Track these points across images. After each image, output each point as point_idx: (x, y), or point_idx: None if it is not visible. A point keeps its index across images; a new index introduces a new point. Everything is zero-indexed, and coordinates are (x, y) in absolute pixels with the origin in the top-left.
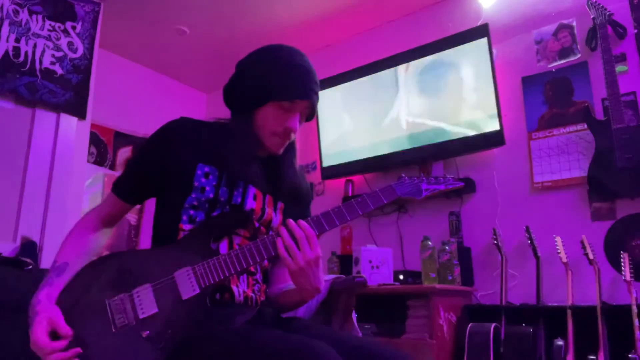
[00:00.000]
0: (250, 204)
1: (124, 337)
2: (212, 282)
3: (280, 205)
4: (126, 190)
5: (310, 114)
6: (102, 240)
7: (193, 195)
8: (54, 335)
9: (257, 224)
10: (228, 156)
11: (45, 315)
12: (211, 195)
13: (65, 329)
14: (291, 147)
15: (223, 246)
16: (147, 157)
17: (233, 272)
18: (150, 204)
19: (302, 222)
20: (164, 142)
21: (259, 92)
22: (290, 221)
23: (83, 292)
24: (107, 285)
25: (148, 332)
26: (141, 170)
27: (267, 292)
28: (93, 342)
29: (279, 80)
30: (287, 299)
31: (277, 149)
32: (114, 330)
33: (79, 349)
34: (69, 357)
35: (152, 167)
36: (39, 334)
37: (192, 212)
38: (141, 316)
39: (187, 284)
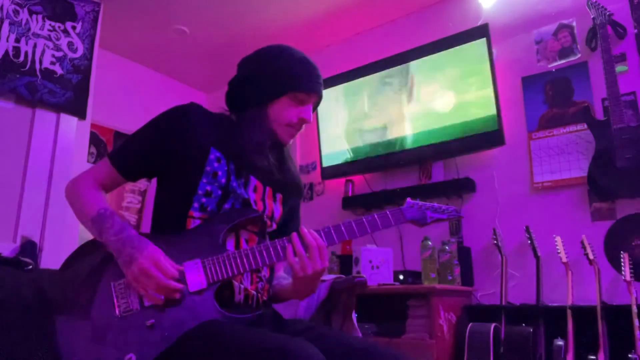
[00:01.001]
0: (252, 195)
1: (127, 323)
2: (220, 278)
3: (279, 196)
4: (129, 166)
5: (314, 109)
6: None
7: (204, 180)
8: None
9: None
10: (243, 147)
11: (155, 247)
12: (223, 181)
13: (177, 266)
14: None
15: (230, 241)
16: (159, 136)
17: (242, 271)
18: (150, 204)
19: (313, 232)
20: (177, 123)
21: (280, 83)
22: (304, 230)
23: (89, 272)
24: (114, 268)
25: (153, 320)
26: (150, 148)
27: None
28: (96, 323)
29: (298, 73)
30: (279, 295)
31: (289, 139)
32: (117, 314)
33: (182, 285)
34: (175, 289)
35: (164, 146)
36: (162, 257)
37: (204, 199)
38: (147, 303)
39: (195, 276)
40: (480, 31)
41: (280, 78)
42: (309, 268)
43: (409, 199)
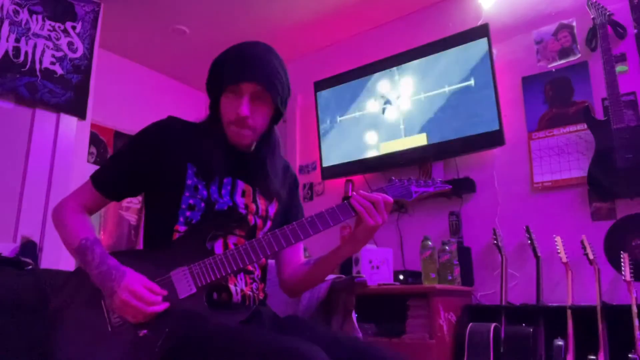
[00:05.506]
0: (239, 201)
1: (120, 337)
2: (208, 281)
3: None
4: (111, 187)
5: (271, 101)
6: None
7: (187, 194)
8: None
9: (252, 221)
10: (202, 153)
11: (135, 275)
12: (205, 193)
13: (159, 287)
14: (267, 144)
15: (218, 246)
16: (136, 156)
17: (229, 272)
18: None
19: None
20: (154, 141)
21: (215, 83)
22: (362, 192)
23: (78, 291)
24: None
25: (145, 331)
26: (129, 168)
27: (293, 270)
28: (88, 342)
29: (226, 67)
30: (325, 262)
31: (237, 139)
32: (109, 330)
33: (167, 304)
34: (162, 310)
35: (142, 166)
36: (139, 287)
37: (188, 213)
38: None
39: (184, 283)
40: (480, 31)
41: (214, 78)
42: (379, 218)
43: (392, 178)
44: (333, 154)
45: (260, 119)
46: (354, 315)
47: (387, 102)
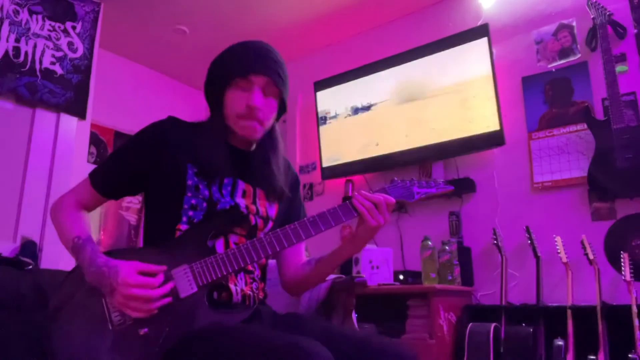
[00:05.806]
0: (239, 201)
1: (120, 335)
2: (209, 280)
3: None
4: (108, 186)
5: (278, 97)
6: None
7: (189, 194)
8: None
9: (253, 221)
10: (202, 152)
11: (128, 266)
12: (206, 193)
13: (156, 267)
14: (269, 141)
15: (219, 245)
16: (135, 156)
17: (230, 271)
18: None
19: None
20: (153, 141)
21: (220, 77)
22: (364, 192)
23: (79, 290)
24: None
25: (146, 329)
26: (128, 168)
27: (296, 270)
28: (89, 340)
29: (231, 61)
30: (327, 263)
31: (247, 132)
32: (110, 328)
33: (172, 284)
34: (166, 292)
35: (140, 166)
36: (137, 278)
37: (191, 213)
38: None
39: (185, 282)
40: (480, 31)
41: (222, 70)
42: (381, 218)
43: (395, 178)
44: (333, 154)
45: (269, 113)
46: (354, 315)
47: (387, 101)
